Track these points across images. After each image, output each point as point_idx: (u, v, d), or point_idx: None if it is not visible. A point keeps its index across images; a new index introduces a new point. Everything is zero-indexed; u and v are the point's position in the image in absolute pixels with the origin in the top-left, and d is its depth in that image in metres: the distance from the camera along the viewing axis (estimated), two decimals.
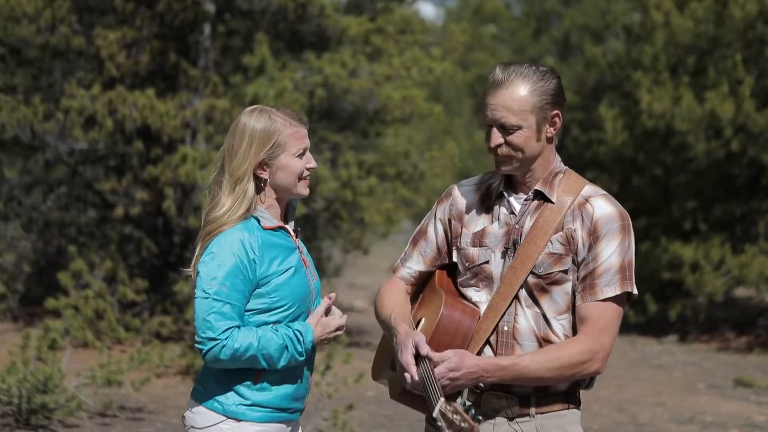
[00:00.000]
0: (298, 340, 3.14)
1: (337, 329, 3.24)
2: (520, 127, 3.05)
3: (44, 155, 11.39)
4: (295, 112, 3.28)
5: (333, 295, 3.28)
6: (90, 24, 11.32)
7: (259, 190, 3.21)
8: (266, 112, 3.21)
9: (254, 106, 3.26)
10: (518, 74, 3.05)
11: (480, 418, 2.72)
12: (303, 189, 3.25)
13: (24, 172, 12.33)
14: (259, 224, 3.20)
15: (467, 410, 2.73)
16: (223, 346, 3.08)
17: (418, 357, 2.99)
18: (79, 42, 11.04)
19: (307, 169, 3.24)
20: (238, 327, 3.11)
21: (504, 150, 3.08)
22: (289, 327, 3.16)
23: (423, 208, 13.94)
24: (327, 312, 3.27)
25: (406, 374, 3.00)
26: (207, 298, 3.10)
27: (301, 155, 3.22)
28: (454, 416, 2.67)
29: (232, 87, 10.90)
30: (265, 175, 3.19)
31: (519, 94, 3.03)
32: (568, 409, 3.11)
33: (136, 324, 10.36)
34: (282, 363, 3.13)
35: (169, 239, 11.52)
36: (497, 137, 3.07)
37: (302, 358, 3.17)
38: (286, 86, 10.39)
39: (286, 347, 3.12)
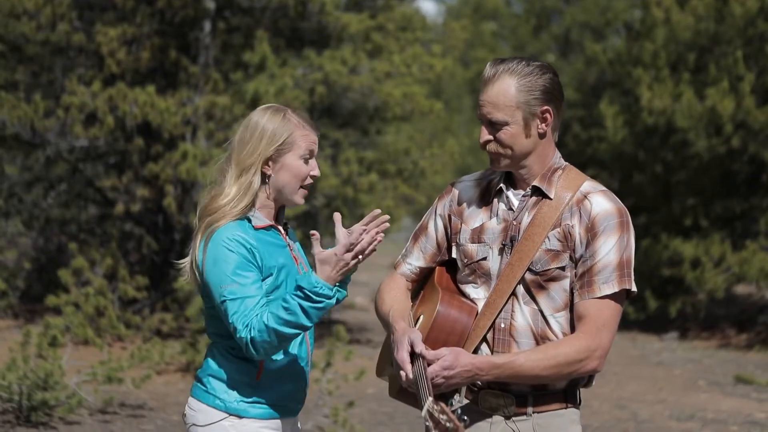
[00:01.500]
0: (306, 296, 3.00)
1: (355, 256, 3.01)
2: (506, 123, 3.03)
3: (45, 152, 11.38)
4: (308, 116, 3.27)
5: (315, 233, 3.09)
6: (90, 21, 11.31)
7: (262, 188, 3.20)
8: (281, 111, 3.22)
9: (270, 104, 3.27)
10: (506, 70, 3.04)
11: (465, 418, 2.71)
12: (299, 198, 3.22)
13: (24, 169, 12.33)
14: (251, 224, 3.19)
15: (454, 410, 2.72)
16: (252, 337, 3.01)
17: (414, 355, 2.99)
18: (79, 39, 11.03)
19: (311, 177, 3.22)
20: (264, 305, 3.07)
21: (492, 147, 3.08)
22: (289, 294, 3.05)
23: (423, 205, 13.96)
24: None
25: (402, 372, 2.99)
26: (224, 300, 3.08)
27: (306, 160, 3.21)
28: (441, 416, 2.66)
29: (232, 84, 10.90)
30: (269, 171, 3.19)
31: (504, 89, 3.02)
32: (566, 408, 3.09)
33: (137, 321, 10.37)
34: (315, 318, 3.00)
35: (170, 236, 11.52)
36: (484, 134, 3.08)
37: (332, 299, 2.99)
38: (287, 83, 10.39)
39: (301, 307, 3.00)
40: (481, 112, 3.07)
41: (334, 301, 3.03)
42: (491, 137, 3.07)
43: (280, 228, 3.29)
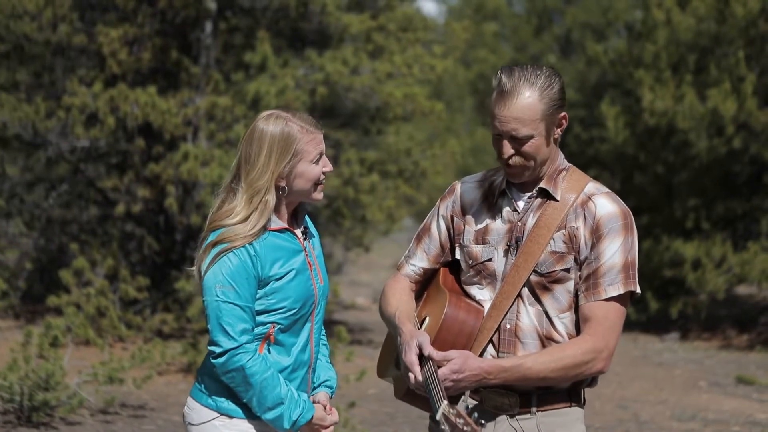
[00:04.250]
0: (302, 406, 3.15)
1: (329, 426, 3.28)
2: (531, 137, 3.00)
3: (46, 153, 11.38)
4: (310, 117, 3.22)
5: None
6: (92, 21, 11.32)
7: (276, 198, 3.16)
8: (282, 119, 3.14)
9: (269, 112, 3.18)
10: (525, 81, 2.98)
11: (483, 422, 2.70)
12: (318, 194, 3.21)
13: (26, 170, 12.33)
14: (264, 227, 3.16)
15: (470, 413, 2.71)
16: (239, 354, 3.07)
17: (422, 357, 2.98)
18: (80, 39, 11.03)
19: (324, 174, 3.20)
20: (252, 329, 3.10)
21: (517, 160, 3.03)
22: (300, 395, 3.17)
23: (424, 205, 13.98)
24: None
25: (410, 374, 2.99)
26: (217, 301, 3.08)
27: (317, 161, 3.18)
28: (457, 420, 2.65)
29: (233, 84, 10.89)
30: (283, 183, 3.14)
31: (529, 103, 2.97)
32: (570, 407, 3.10)
33: (138, 321, 10.37)
34: (268, 415, 3.12)
35: (171, 237, 11.52)
36: (509, 149, 3.02)
37: (287, 427, 3.14)
38: (288, 84, 10.39)
39: (283, 402, 3.11)
40: (504, 129, 3.00)
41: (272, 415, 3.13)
42: (514, 151, 3.03)
43: (297, 232, 3.25)
